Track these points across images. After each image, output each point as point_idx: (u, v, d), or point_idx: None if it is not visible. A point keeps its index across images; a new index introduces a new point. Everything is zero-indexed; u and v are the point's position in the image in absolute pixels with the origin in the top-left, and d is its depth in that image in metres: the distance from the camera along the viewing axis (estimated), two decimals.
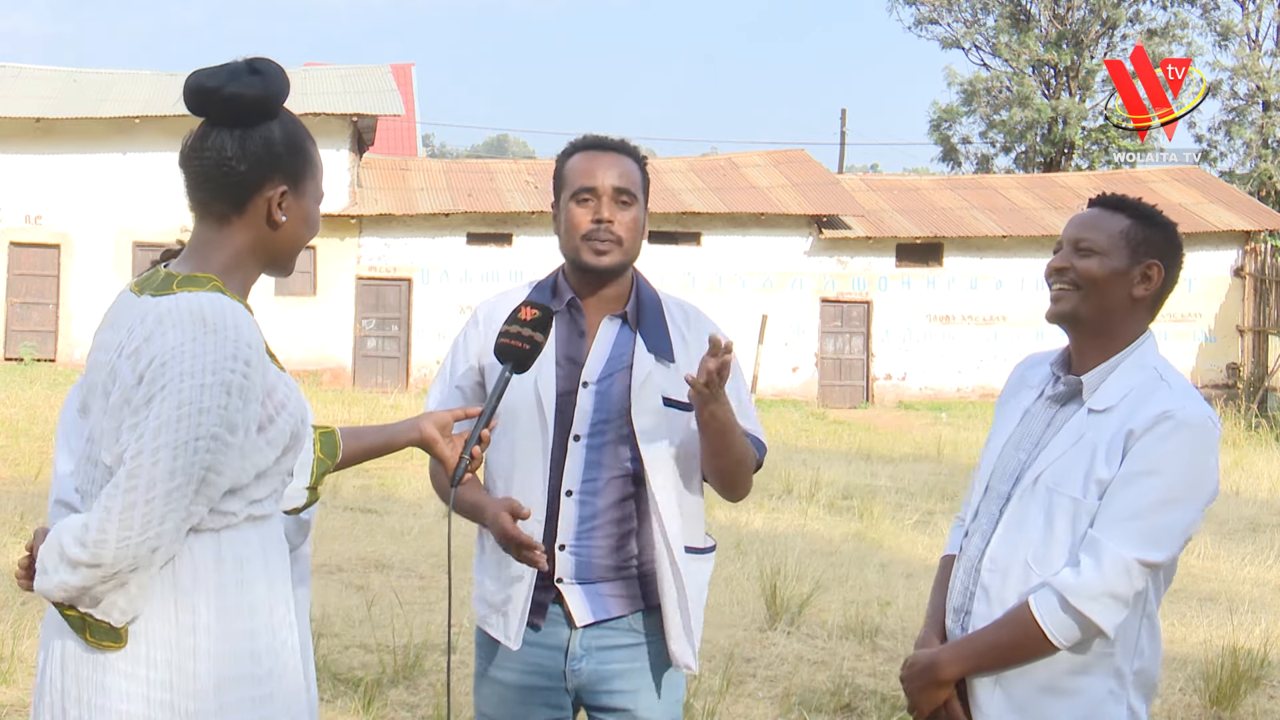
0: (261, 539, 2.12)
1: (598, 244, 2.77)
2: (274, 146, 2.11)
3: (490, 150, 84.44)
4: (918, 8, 40.11)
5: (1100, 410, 2.48)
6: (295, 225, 2.17)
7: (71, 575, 1.95)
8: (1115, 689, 2.47)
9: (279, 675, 2.11)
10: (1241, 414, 22.84)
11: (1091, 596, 2.38)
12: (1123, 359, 2.53)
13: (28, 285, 24.28)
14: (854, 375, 25.76)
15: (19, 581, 2.17)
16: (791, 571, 7.68)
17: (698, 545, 2.86)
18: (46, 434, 13.69)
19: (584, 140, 2.89)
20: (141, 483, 1.94)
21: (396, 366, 24.93)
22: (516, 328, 2.55)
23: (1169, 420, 2.41)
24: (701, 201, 25.30)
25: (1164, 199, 26.80)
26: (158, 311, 2.02)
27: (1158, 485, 2.40)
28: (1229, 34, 36.97)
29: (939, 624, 2.64)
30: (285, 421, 2.10)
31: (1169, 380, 2.50)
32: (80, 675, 2.02)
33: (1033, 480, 2.50)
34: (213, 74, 2.10)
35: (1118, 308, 2.55)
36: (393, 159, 28.82)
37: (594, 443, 2.77)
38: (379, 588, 7.07)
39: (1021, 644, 2.44)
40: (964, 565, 2.59)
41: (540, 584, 2.77)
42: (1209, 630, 7.21)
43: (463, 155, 65.01)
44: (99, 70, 27.00)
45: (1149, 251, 2.58)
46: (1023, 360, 2.81)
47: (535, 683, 2.82)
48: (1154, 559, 2.40)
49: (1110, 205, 2.62)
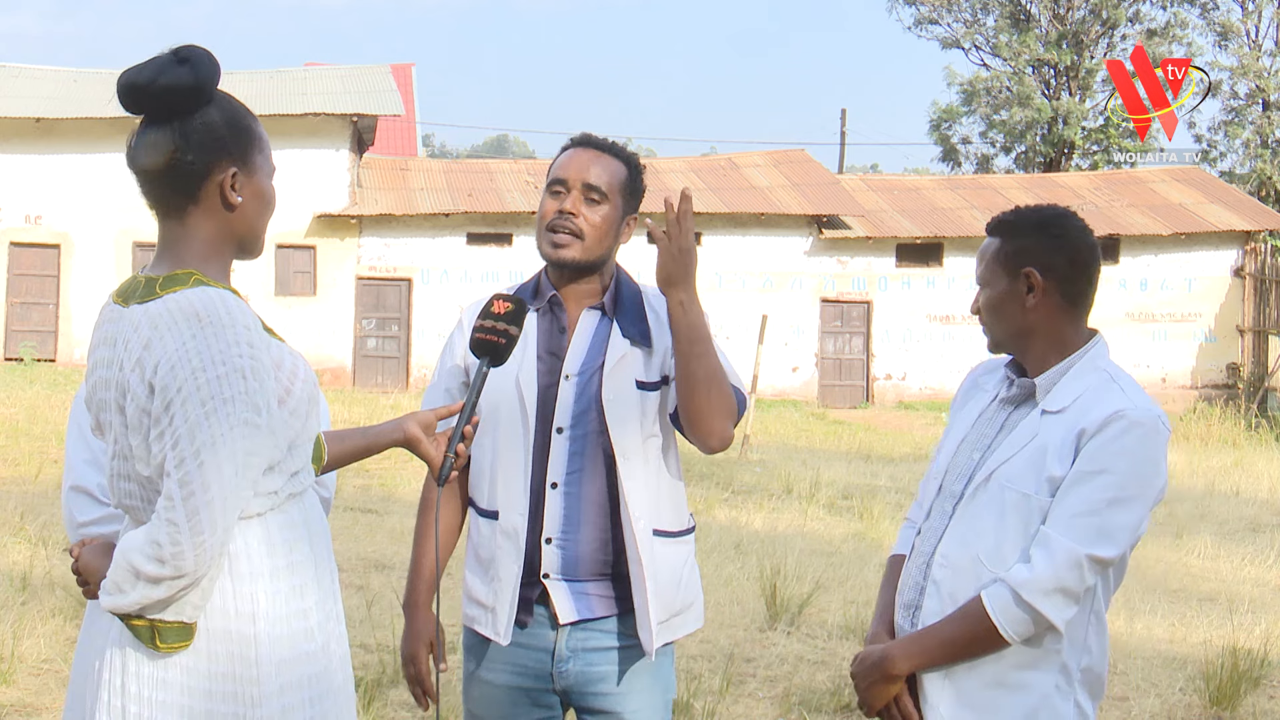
0: (305, 516, 2.17)
1: (556, 236, 2.78)
2: (215, 130, 2.12)
3: (490, 150, 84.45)
4: (918, 8, 40.10)
5: (1054, 411, 2.53)
6: (252, 203, 2.17)
7: (154, 590, 1.98)
8: (1062, 684, 2.52)
9: (328, 649, 2.16)
10: (1241, 414, 22.85)
11: (1044, 591, 2.42)
12: (1074, 362, 2.57)
13: (28, 285, 24.28)
14: (854, 375, 25.77)
15: (84, 591, 2.17)
16: (791, 571, 7.68)
17: (668, 528, 2.83)
18: (46, 434, 13.68)
19: (576, 138, 2.91)
20: (197, 488, 1.97)
21: (396, 366, 24.93)
22: (490, 322, 2.56)
23: (1121, 420, 2.45)
24: (701, 201, 25.29)
25: (1164, 199, 26.83)
26: (150, 318, 2.03)
27: (1109, 483, 2.44)
28: (1228, 34, 36.97)
29: (888, 621, 2.68)
30: (301, 389, 2.14)
31: (1120, 383, 2.54)
32: (141, 674, 2.05)
33: (985, 478, 2.54)
34: (141, 70, 2.10)
35: (1027, 324, 2.59)
36: (393, 159, 28.83)
37: (576, 434, 2.78)
38: (379, 588, 7.06)
39: (973, 638, 2.48)
40: (915, 562, 2.63)
41: (526, 580, 2.79)
42: (1209, 630, 7.22)
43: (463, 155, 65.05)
44: (99, 70, 26.98)
45: (1020, 261, 2.59)
46: (976, 366, 2.87)
47: (523, 683, 2.83)
48: (1105, 555, 2.45)
49: (990, 230, 2.67)
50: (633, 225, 2.89)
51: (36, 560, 7.55)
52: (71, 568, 2.19)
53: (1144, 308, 25.64)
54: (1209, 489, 13.84)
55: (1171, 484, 14.66)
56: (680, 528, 2.88)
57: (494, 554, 2.80)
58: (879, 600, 2.75)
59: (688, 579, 2.90)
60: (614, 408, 2.77)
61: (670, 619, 2.83)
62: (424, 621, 2.86)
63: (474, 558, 2.87)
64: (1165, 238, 25.43)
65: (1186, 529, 10.95)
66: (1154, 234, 25.41)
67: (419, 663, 2.84)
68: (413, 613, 2.88)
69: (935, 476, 2.68)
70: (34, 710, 5.08)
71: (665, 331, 2.82)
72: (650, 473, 2.80)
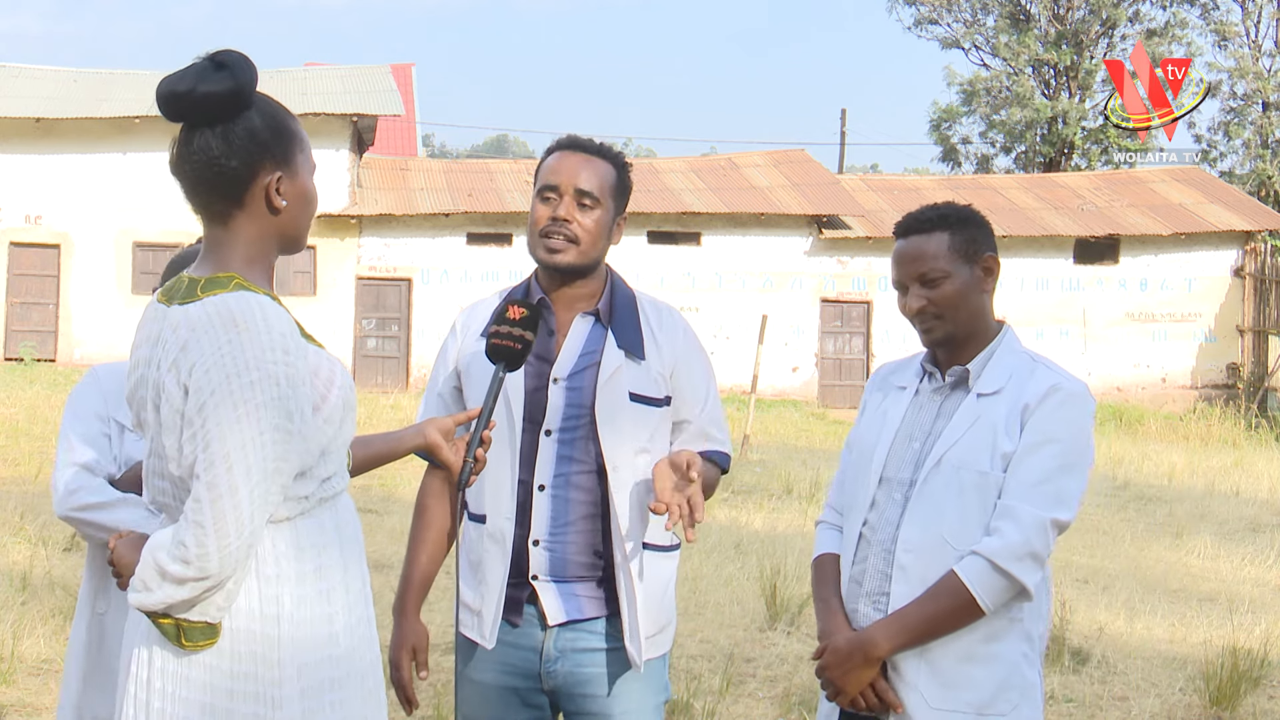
0: (336, 521, 2.18)
1: (551, 241, 2.80)
2: (258, 135, 2.13)
3: (490, 150, 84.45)
4: (918, 8, 40.10)
5: (989, 394, 2.66)
6: (296, 205, 2.19)
7: (179, 590, 2.00)
8: (1029, 653, 2.65)
9: (356, 653, 2.17)
10: (1241, 414, 22.85)
11: (1017, 557, 2.54)
12: (995, 348, 2.72)
13: (28, 285, 24.27)
14: (854, 375, 25.76)
15: (118, 582, 2.19)
16: (791, 571, 7.68)
17: (659, 542, 2.85)
18: (46, 434, 13.68)
19: (562, 140, 2.92)
20: (224, 491, 1.98)
21: (396, 366, 24.93)
22: (507, 328, 2.58)
23: (1059, 392, 2.61)
24: (701, 201, 25.30)
25: (1164, 199, 26.82)
26: (188, 320, 2.05)
27: (1057, 451, 2.58)
28: (1228, 34, 36.97)
29: (842, 615, 2.72)
30: (337, 396, 2.15)
31: (1042, 362, 2.71)
32: (166, 670, 2.07)
33: (936, 462, 2.64)
34: (181, 78, 2.10)
35: (979, 310, 2.73)
36: (393, 159, 28.83)
37: (565, 437, 2.79)
38: (378, 588, 7.03)
39: (951, 611, 2.56)
40: (874, 552, 2.69)
41: (515, 581, 2.80)
42: (1209, 630, 7.22)
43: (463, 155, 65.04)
44: (99, 70, 27.00)
45: (978, 248, 2.74)
46: (878, 369, 2.98)
47: (512, 683, 2.84)
48: (1064, 518, 2.58)
49: (920, 229, 2.75)
50: (622, 226, 2.91)
51: (36, 560, 7.55)
52: (107, 559, 2.21)
53: (1144, 308, 25.64)
54: (1209, 489, 13.84)
55: (1171, 484, 14.74)
56: (669, 542, 2.89)
57: (481, 557, 2.82)
58: (821, 600, 2.79)
59: (671, 596, 2.92)
60: (607, 419, 2.77)
61: (655, 634, 2.84)
62: (409, 628, 2.88)
63: (465, 562, 2.89)
64: (1165, 238, 25.42)
65: (1186, 529, 10.95)
66: (1154, 234, 25.41)
67: (401, 669, 2.85)
68: (400, 619, 2.90)
69: (874, 470, 2.73)
70: (34, 710, 5.08)
71: (661, 346, 2.84)
72: (641, 485, 2.80)
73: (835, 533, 2.84)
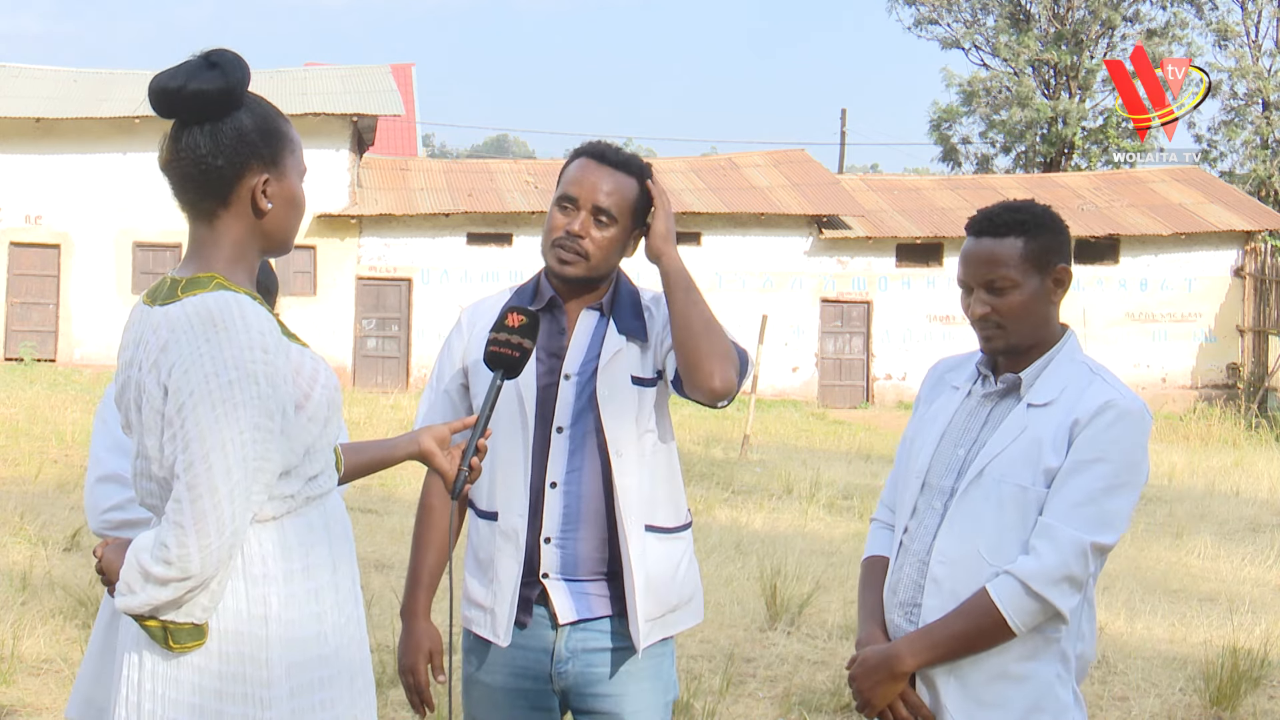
0: (325, 520, 2.18)
1: (562, 253, 2.80)
2: (246, 135, 2.13)
3: (490, 150, 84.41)
4: (918, 8, 40.12)
5: (1040, 405, 2.55)
6: (282, 208, 2.18)
7: (162, 591, 2.00)
8: (1062, 673, 2.55)
9: (344, 652, 2.17)
10: (1241, 414, 22.86)
11: (1052, 581, 2.44)
12: (1054, 355, 2.61)
13: (28, 285, 24.28)
14: (854, 375, 25.77)
15: (108, 589, 2.19)
16: (791, 571, 7.68)
17: (662, 524, 2.84)
18: (46, 434, 13.69)
19: (591, 147, 2.89)
20: (204, 491, 1.98)
21: (396, 366, 24.94)
22: (505, 335, 2.56)
23: (1112, 409, 2.49)
24: (701, 201, 25.31)
25: (1164, 199, 26.82)
26: (168, 320, 2.05)
27: (1106, 471, 2.47)
28: (1228, 34, 36.97)
29: (881, 621, 2.67)
30: (321, 394, 2.14)
31: (1101, 374, 2.58)
32: (156, 672, 2.07)
33: (978, 473, 2.55)
34: (172, 75, 2.11)
35: (1043, 320, 2.63)
36: (393, 159, 28.83)
37: (575, 433, 2.79)
38: (379, 588, 7.06)
39: (981, 631, 2.48)
40: (909, 560, 2.62)
41: (526, 580, 2.79)
42: (1209, 630, 7.22)
43: (463, 155, 65.05)
44: (99, 70, 27.00)
45: (1051, 259, 2.61)
46: (936, 364, 2.87)
47: (522, 685, 2.83)
48: (1107, 541, 2.48)
49: (994, 231, 2.61)
50: (639, 239, 2.88)
51: (36, 560, 7.55)
52: (95, 567, 2.21)
53: (1144, 308, 25.64)
54: (1209, 489, 13.83)
55: (1171, 484, 14.70)
56: (676, 524, 2.88)
57: (493, 555, 2.81)
58: (865, 602, 2.74)
59: (685, 574, 2.90)
60: (609, 403, 2.78)
61: (665, 615, 2.83)
62: (422, 631, 2.87)
63: (473, 559, 2.88)
64: (1165, 238, 25.43)
65: (1186, 529, 10.95)
66: (1154, 234, 25.41)
67: (418, 674, 2.84)
68: (411, 622, 2.88)
69: (916, 474, 2.66)
70: (34, 710, 5.08)
71: (655, 318, 2.85)
72: (645, 469, 2.80)
73: (887, 533, 2.77)
